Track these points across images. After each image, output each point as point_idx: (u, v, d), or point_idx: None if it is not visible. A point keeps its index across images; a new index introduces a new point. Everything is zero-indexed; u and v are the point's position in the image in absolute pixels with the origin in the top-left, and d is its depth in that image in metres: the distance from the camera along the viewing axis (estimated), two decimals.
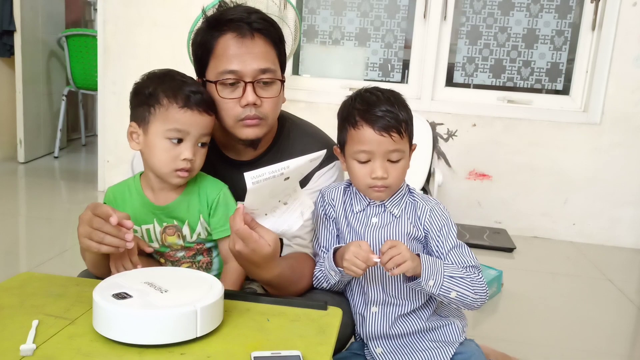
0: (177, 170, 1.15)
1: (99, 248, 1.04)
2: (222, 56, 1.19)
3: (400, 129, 1.14)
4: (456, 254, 1.18)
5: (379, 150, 1.15)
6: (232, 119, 1.20)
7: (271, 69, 1.20)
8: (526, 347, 1.56)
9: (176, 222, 1.21)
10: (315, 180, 1.31)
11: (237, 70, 1.17)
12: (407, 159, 1.19)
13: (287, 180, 0.99)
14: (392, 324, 1.23)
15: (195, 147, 1.15)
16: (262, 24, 1.20)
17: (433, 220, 1.19)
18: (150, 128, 1.15)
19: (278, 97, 1.23)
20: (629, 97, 2.99)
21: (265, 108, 1.21)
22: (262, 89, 1.20)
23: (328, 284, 1.22)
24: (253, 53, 1.18)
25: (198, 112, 1.14)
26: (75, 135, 5.16)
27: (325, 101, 3.17)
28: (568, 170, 3.09)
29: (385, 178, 1.16)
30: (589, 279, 2.60)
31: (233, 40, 1.18)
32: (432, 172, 2.84)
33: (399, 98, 1.20)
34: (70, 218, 2.99)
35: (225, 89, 1.19)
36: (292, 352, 0.86)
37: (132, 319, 0.85)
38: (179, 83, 1.15)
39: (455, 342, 1.23)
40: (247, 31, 1.18)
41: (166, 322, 0.86)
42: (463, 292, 1.14)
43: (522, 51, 3.22)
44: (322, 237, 1.26)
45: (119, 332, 0.85)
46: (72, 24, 4.78)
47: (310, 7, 3.35)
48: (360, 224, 1.23)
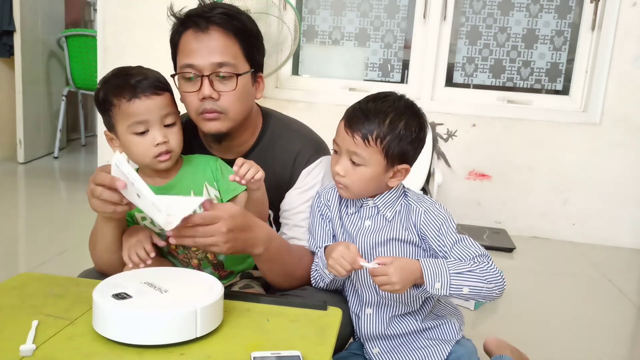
0: (157, 157, 1.16)
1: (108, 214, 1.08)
2: (183, 51, 1.21)
3: (367, 136, 1.13)
4: (460, 248, 1.16)
5: (342, 145, 1.16)
6: (194, 112, 1.23)
7: (229, 63, 1.20)
8: (526, 347, 1.55)
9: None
10: (303, 179, 1.31)
11: (194, 64, 1.19)
12: (376, 169, 1.15)
13: (140, 197, 1.00)
14: (387, 325, 1.23)
15: (163, 130, 1.16)
16: (220, 18, 1.19)
17: (428, 221, 1.18)
18: (117, 130, 1.18)
19: (237, 91, 1.21)
20: (628, 97, 2.99)
21: (223, 102, 1.20)
22: (221, 83, 1.20)
23: (324, 283, 1.22)
24: (209, 47, 1.19)
25: (146, 97, 1.14)
26: (75, 136, 5.16)
27: (325, 101, 3.17)
28: (568, 170, 3.09)
29: (342, 176, 1.16)
30: (588, 279, 2.60)
31: (192, 35, 1.20)
32: (432, 172, 2.84)
33: (400, 118, 1.14)
34: (70, 218, 2.99)
35: (186, 83, 1.21)
36: (292, 352, 0.86)
37: (132, 320, 0.85)
38: (122, 78, 1.16)
39: (452, 340, 1.23)
40: (204, 25, 1.19)
41: (166, 322, 0.86)
42: (475, 285, 1.10)
43: (521, 51, 3.22)
44: (319, 237, 1.26)
45: (118, 332, 0.85)
46: (71, 24, 4.77)
47: (310, 7, 3.35)
48: (353, 226, 1.23)
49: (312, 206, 1.28)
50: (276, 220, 1.35)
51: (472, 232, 3.01)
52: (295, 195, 1.30)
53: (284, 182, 1.31)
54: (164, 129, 1.17)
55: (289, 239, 1.29)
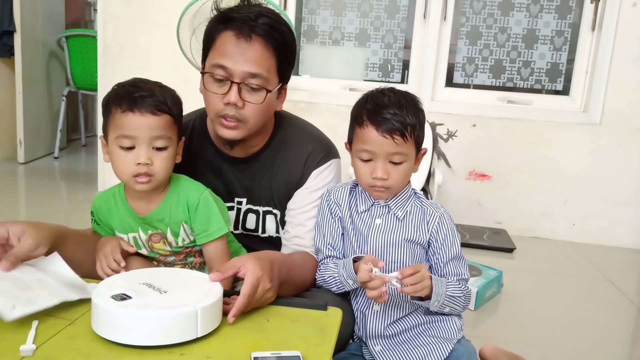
0: (135, 176, 1.11)
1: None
2: (219, 50, 1.20)
3: (404, 133, 1.14)
4: (454, 265, 1.22)
5: (381, 151, 1.16)
6: (213, 112, 1.21)
7: (262, 76, 1.19)
8: (526, 347, 1.56)
9: (160, 230, 1.20)
10: (313, 179, 1.31)
11: (228, 67, 1.18)
12: (412, 162, 1.20)
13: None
14: (392, 323, 1.24)
15: (150, 151, 1.11)
16: (264, 30, 1.18)
17: (440, 228, 1.22)
18: (108, 138, 1.15)
19: (263, 105, 1.21)
20: (628, 97, 2.99)
21: (247, 111, 1.20)
22: (248, 93, 1.19)
23: (339, 290, 1.21)
24: (246, 55, 1.18)
25: (140, 114, 1.09)
26: (75, 136, 5.16)
27: (325, 102, 3.17)
28: (568, 170, 3.09)
29: (385, 179, 1.16)
30: (588, 279, 2.60)
31: (232, 38, 1.18)
32: (432, 173, 2.84)
33: (411, 102, 1.19)
34: (70, 218, 2.98)
35: (213, 83, 1.20)
36: (292, 353, 0.86)
37: (132, 320, 0.85)
38: (129, 89, 1.12)
39: (453, 338, 1.24)
40: (247, 33, 1.17)
41: (166, 323, 0.85)
42: (454, 307, 1.20)
43: (522, 51, 3.22)
44: (329, 234, 1.26)
45: (118, 333, 0.85)
46: (72, 25, 4.77)
47: (310, 8, 3.35)
48: (364, 225, 1.24)
49: (322, 204, 1.28)
50: (282, 220, 1.35)
51: (473, 232, 3.01)
52: (304, 194, 1.31)
53: (294, 182, 1.32)
54: (152, 151, 1.11)
55: (292, 237, 1.29)
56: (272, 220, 1.36)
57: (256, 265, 1.01)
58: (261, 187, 1.33)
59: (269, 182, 1.33)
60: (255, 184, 1.33)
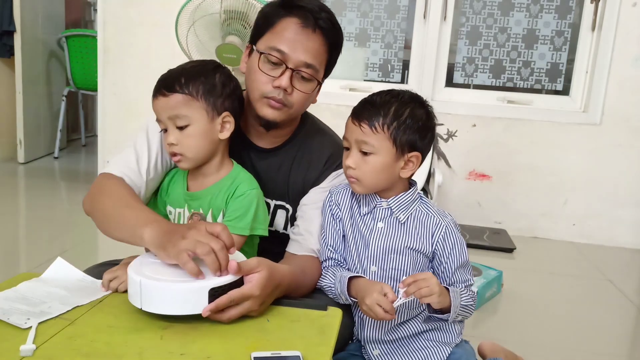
0: (172, 157, 1.20)
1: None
2: (279, 34, 1.22)
3: (373, 123, 1.14)
4: (461, 273, 1.22)
5: (350, 136, 1.17)
6: (259, 92, 1.23)
7: (315, 67, 1.23)
8: (526, 347, 1.56)
9: (201, 210, 1.22)
10: (330, 180, 1.33)
11: (286, 52, 1.20)
12: (386, 158, 1.15)
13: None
14: (392, 329, 1.23)
15: (175, 131, 1.16)
16: (327, 24, 1.23)
17: (447, 239, 1.20)
18: None
19: (309, 95, 1.26)
20: (628, 97, 2.99)
21: (293, 97, 1.24)
22: (299, 81, 1.23)
23: (336, 300, 1.21)
24: (306, 45, 1.21)
25: (156, 98, 1.17)
26: (75, 136, 5.16)
27: (325, 101, 3.16)
28: (568, 170, 3.09)
29: (354, 169, 1.16)
30: (589, 279, 2.60)
31: (295, 25, 1.21)
32: (432, 173, 2.84)
33: (402, 108, 1.15)
34: (70, 218, 2.99)
35: (266, 64, 1.22)
36: (292, 353, 0.86)
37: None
38: (166, 74, 1.19)
39: (452, 342, 1.24)
40: (311, 23, 1.21)
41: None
42: (466, 315, 1.22)
43: (522, 51, 3.22)
44: (330, 236, 1.26)
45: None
46: (72, 25, 4.77)
47: None
48: (366, 228, 1.23)
49: (324, 204, 1.29)
50: (293, 217, 1.35)
51: (472, 232, 3.01)
52: (318, 192, 1.32)
53: (311, 179, 1.33)
54: (177, 131, 1.16)
55: (302, 231, 1.29)
56: (283, 216, 1.36)
57: (258, 285, 0.98)
58: (277, 180, 1.34)
59: (286, 176, 1.34)
60: (271, 176, 1.34)
